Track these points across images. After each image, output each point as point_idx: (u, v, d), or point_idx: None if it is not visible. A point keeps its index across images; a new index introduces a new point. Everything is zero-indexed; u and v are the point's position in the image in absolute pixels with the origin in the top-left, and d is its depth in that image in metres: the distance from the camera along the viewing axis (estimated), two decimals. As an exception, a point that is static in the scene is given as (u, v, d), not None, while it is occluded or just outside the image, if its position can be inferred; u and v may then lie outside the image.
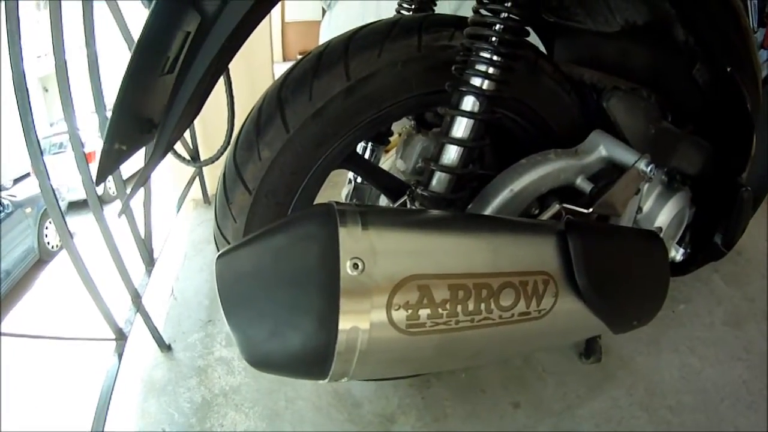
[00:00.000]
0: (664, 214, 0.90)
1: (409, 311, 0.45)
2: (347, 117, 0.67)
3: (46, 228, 5.20)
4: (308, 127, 0.65)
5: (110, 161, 0.54)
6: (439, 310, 0.46)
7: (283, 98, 0.65)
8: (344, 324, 0.44)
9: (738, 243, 1.10)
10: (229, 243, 0.70)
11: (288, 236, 0.47)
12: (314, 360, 0.45)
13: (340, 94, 0.65)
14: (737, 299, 1.31)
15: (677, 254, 0.98)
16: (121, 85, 0.48)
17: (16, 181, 5.56)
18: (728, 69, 0.79)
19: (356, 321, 0.44)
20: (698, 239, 1.01)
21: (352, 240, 0.44)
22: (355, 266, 0.44)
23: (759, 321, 1.24)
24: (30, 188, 5.08)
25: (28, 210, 4.94)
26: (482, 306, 0.48)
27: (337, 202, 0.48)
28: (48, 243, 5.26)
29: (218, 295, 0.47)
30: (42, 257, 5.05)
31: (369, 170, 0.83)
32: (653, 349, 1.15)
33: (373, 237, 0.45)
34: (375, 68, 0.65)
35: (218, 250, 0.72)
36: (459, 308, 0.47)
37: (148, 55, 0.48)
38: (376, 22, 0.69)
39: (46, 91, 7.87)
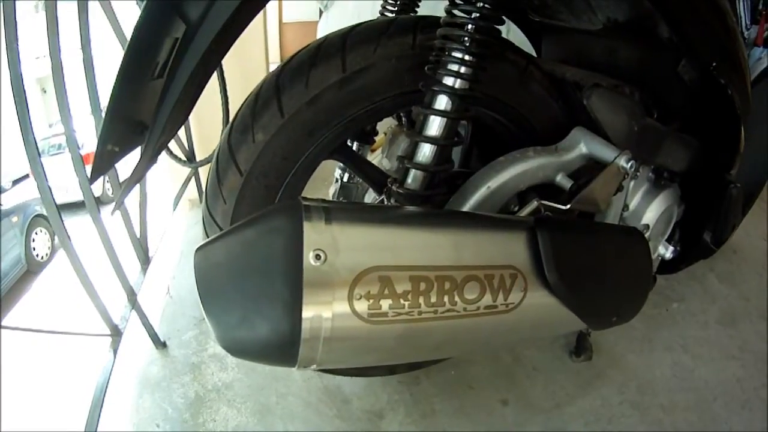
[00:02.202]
0: (651, 212, 0.90)
1: (371, 301, 0.47)
2: (340, 107, 0.69)
3: (34, 239, 4.80)
4: (302, 114, 0.67)
5: (103, 162, 0.57)
6: (401, 300, 0.48)
7: (281, 85, 0.67)
8: (308, 312, 0.46)
9: (734, 241, 1.09)
10: (217, 224, 0.72)
11: (257, 229, 0.49)
12: (282, 346, 0.47)
13: (336, 84, 0.67)
14: (732, 298, 1.30)
15: (666, 252, 0.98)
16: (113, 89, 0.50)
17: (15, 182, 5.58)
18: (713, 65, 0.79)
19: (319, 309, 0.46)
20: (688, 237, 1.01)
21: (315, 233, 0.46)
22: (318, 257, 0.46)
23: (754, 320, 1.23)
24: (18, 196, 4.86)
25: (15, 219, 4.57)
26: (445, 298, 0.49)
27: (304, 198, 0.50)
28: (36, 254, 4.83)
29: (196, 284, 0.49)
30: (30, 268, 4.65)
31: (357, 163, 0.84)
32: (645, 348, 1.15)
33: (335, 230, 0.47)
34: (370, 62, 0.67)
35: (206, 231, 0.73)
36: (421, 299, 0.48)
37: (137, 60, 0.50)
38: (373, 20, 0.72)
39: (44, 92, 7.88)
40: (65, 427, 0.99)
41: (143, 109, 0.57)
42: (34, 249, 4.85)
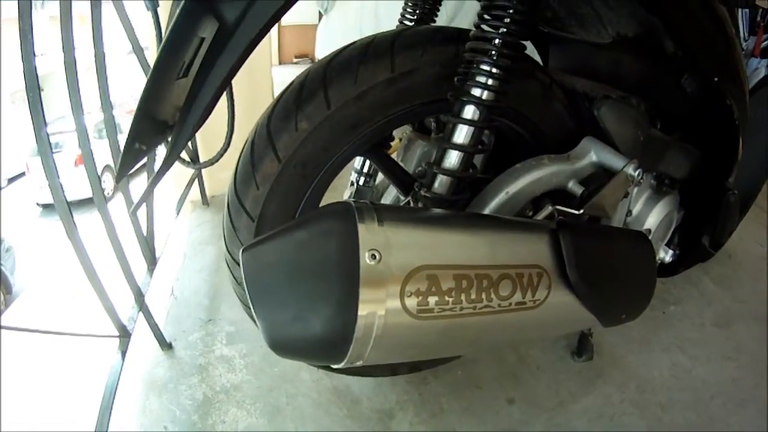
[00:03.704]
0: (652, 217, 0.94)
1: (420, 298, 0.49)
2: (384, 105, 0.71)
3: None
4: (348, 108, 0.69)
5: (130, 159, 0.57)
6: (446, 297, 0.50)
7: (328, 78, 0.69)
8: (363, 310, 0.48)
9: (728, 246, 1.14)
10: (246, 209, 0.73)
11: (311, 231, 0.50)
12: (334, 344, 0.49)
13: (383, 82, 0.69)
14: (727, 301, 1.35)
15: (666, 255, 1.02)
16: (144, 88, 0.51)
17: (11, 180, 5.44)
18: (715, 79, 0.83)
19: (374, 307, 0.48)
20: (686, 241, 1.05)
21: (369, 234, 0.48)
22: (373, 257, 0.48)
23: (749, 322, 1.27)
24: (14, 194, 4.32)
25: None
26: (483, 295, 0.52)
27: (354, 201, 0.52)
28: None
29: (245, 285, 0.51)
30: None
31: (387, 163, 0.86)
32: (644, 349, 1.19)
33: (387, 231, 0.49)
34: (416, 66, 0.70)
35: (230, 216, 0.73)
36: (463, 296, 0.51)
37: (168, 60, 0.51)
38: (418, 27, 0.75)
39: (42, 90, 7.81)
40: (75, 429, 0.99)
41: (167, 108, 0.58)
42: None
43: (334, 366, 0.51)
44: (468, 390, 1.07)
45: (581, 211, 0.76)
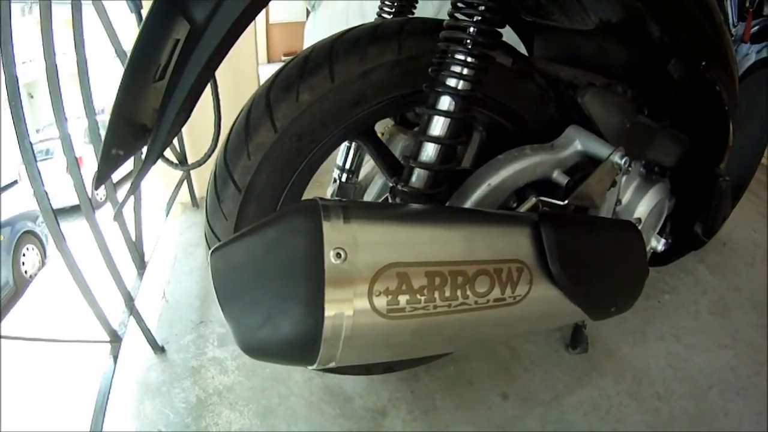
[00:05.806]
0: (643, 206, 0.92)
1: (390, 297, 0.48)
2: (386, 87, 0.71)
3: (24, 255, 4.32)
4: (352, 84, 0.69)
5: (108, 166, 0.56)
6: (418, 295, 0.49)
7: (335, 52, 0.68)
8: (330, 310, 0.46)
9: (723, 233, 1.12)
10: (234, 180, 0.71)
11: (276, 230, 0.49)
12: (303, 346, 0.48)
13: (389, 63, 0.69)
14: (723, 289, 1.34)
15: (658, 244, 1.01)
16: (117, 93, 0.50)
17: (5, 188, 5.39)
18: (702, 64, 0.81)
19: (341, 307, 0.47)
20: (679, 229, 1.03)
21: (335, 232, 0.47)
22: (338, 255, 0.46)
23: (745, 310, 1.26)
24: (6, 202, 4.36)
25: (1, 237, 4.06)
26: (458, 292, 0.51)
27: (321, 198, 0.51)
28: (25, 271, 4.29)
29: (213, 286, 0.50)
30: (18, 286, 4.09)
31: (379, 149, 0.85)
32: (639, 339, 1.18)
33: (354, 229, 0.48)
34: (422, 52, 0.70)
35: (215, 187, 0.72)
36: (436, 294, 0.50)
37: (141, 63, 0.50)
38: (428, 17, 0.75)
39: (31, 97, 7.80)
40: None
41: (145, 112, 0.57)
42: (23, 264, 4.30)
43: (309, 368, 0.50)
44: (461, 386, 1.06)
45: (566, 201, 0.74)
